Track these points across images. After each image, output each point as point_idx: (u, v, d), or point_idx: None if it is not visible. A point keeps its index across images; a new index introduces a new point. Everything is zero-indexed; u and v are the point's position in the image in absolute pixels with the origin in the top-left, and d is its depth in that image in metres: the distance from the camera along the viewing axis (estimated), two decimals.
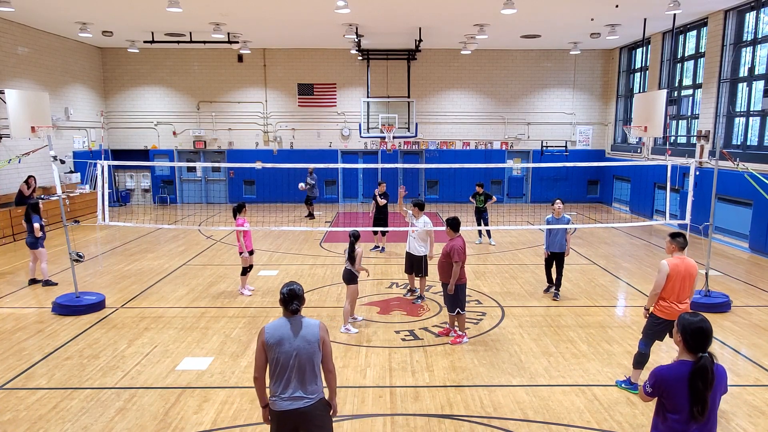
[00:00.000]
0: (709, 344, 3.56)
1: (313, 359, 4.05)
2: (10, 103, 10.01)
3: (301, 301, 4.16)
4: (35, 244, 10.46)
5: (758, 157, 13.59)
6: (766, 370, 7.00)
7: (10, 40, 16.49)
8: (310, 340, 4.03)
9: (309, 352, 4.02)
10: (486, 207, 14.41)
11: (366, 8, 14.93)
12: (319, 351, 4.08)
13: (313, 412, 4.05)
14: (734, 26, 14.93)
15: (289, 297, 4.11)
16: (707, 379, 3.47)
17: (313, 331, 4.08)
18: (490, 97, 22.62)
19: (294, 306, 4.10)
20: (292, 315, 4.11)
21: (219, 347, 7.66)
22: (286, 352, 3.99)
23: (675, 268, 6.02)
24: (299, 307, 4.13)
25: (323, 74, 22.30)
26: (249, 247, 9.96)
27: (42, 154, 13.77)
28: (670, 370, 3.60)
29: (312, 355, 4.03)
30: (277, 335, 4.03)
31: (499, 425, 5.65)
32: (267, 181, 22.53)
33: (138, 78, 22.27)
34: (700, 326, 3.59)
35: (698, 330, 3.58)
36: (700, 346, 3.56)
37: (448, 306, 7.80)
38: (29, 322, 8.69)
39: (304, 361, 4.01)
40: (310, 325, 4.10)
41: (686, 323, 3.64)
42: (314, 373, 4.07)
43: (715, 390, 3.53)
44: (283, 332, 4.04)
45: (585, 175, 22.82)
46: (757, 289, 10.57)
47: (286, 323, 4.08)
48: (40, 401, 6.13)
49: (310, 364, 4.04)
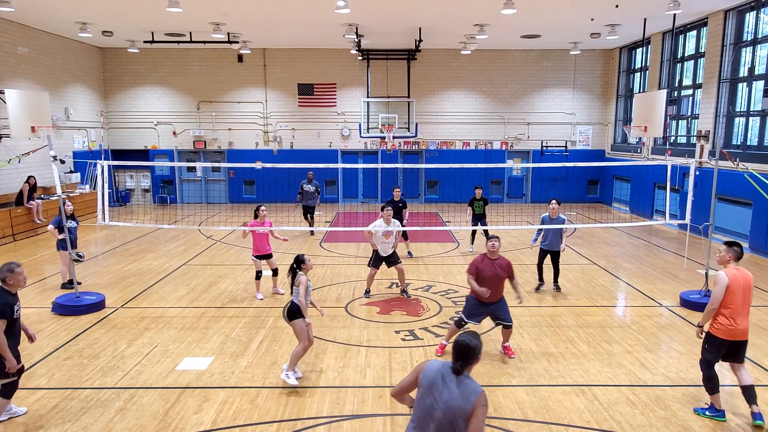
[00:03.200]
0: None
1: (456, 423, 3.43)
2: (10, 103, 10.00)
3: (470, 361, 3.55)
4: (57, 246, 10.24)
5: (758, 157, 13.59)
6: (766, 370, 6.99)
7: (10, 40, 16.49)
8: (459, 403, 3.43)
9: (453, 414, 3.43)
10: (485, 212, 13.61)
11: (366, 8, 14.93)
12: (466, 419, 3.42)
13: None
14: (734, 26, 14.93)
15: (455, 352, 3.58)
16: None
17: (469, 396, 3.45)
18: (490, 97, 22.62)
19: (456, 367, 3.55)
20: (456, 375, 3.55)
21: (219, 347, 7.66)
22: (432, 401, 3.51)
23: (735, 279, 5.52)
24: (462, 368, 3.54)
25: (323, 74, 22.31)
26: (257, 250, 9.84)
27: (42, 154, 13.77)
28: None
29: (455, 419, 3.43)
30: (430, 377, 3.58)
31: (499, 425, 5.65)
32: (267, 181, 22.53)
33: (138, 78, 22.27)
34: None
35: None
36: None
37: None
38: (29, 322, 8.67)
39: (445, 420, 3.44)
40: (468, 388, 3.48)
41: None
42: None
43: None
44: (437, 378, 3.55)
45: (585, 175, 22.82)
46: (757, 289, 10.56)
47: (445, 368, 3.58)
48: (40, 401, 6.13)
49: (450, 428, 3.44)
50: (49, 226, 10.05)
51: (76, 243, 10.13)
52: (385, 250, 9.79)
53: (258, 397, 6.21)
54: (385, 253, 9.81)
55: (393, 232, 9.78)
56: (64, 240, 9.68)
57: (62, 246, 9.97)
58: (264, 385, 6.54)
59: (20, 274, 5.42)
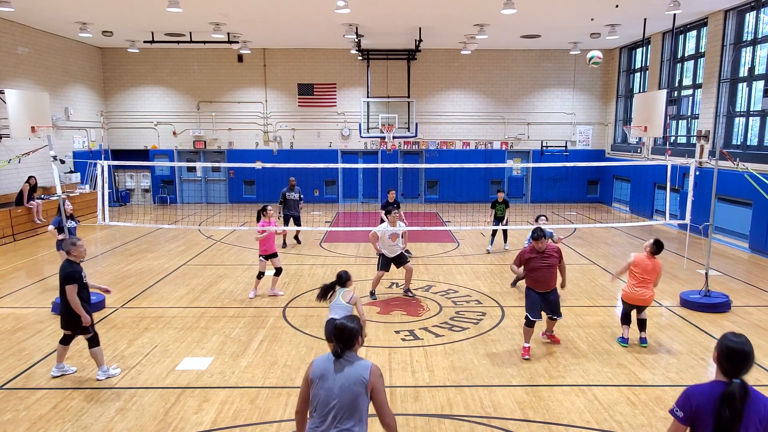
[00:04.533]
0: (745, 370, 3.19)
1: (358, 403, 3.54)
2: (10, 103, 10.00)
3: (349, 343, 3.65)
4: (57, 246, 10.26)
5: (758, 157, 13.59)
6: (766, 370, 6.99)
7: (10, 40, 16.49)
8: (355, 380, 3.55)
9: (353, 394, 3.53)
10: (505, 214, 13.56)
11: (366, 8, 14.93)
12: (366, 395, 3.57)
13: None
14: (734, 26, 14.93)
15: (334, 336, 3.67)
16: (735, 408, 3.05)
17: (362, 371, 3.59)
18: (490, 97, 22.62)
19: (336, 349, 3.65)
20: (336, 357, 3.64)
21: (219, 347, 7.66)
22: (327, 389, 3.55)
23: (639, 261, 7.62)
24: (342, 351, 3.63)
25: (323, 74, 22.30)
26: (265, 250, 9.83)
27: (42, 154, 13.78)
28: (703, 389, 3.23)
29: (356, 397, 3.53)
30: (320, 369, 3.63)
31: (499, 425, 5.65)
32: (267, 181, 22.53)
33: (138, 78, 22.27)
34: (738, 348, 3.20)
35: (734, 352, 3.20)
36: (734, 371, 3.19)
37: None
38: (29, 322, 8.69)
39: (346, 403, 3.52)
40: (358, 365, 3.61)
41: (726, 341, 3.24)
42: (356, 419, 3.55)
43: (748, 424, 3.08)
44: (327, 367, 3.61)
45: (585, 175, 22.81)
46: (757, 289, 10.57)
47: (331, 358, 3.65)
48: (40, 401, 6.13)
49: (353, 408, 3.54)
50: (50, 227, 10.05)
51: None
52: (392, 251, 9.69)
53: (258, 397, 6.21)
54: (393, 254, 9.72)
55: (399, 234, 9.72)
56: (63, 240, 9.66)
57: (62, 246, 9.95)
58: (264, 385, 6.54)
59: (81, 246, 6.62)
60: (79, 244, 6.59)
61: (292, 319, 8.78)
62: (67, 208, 9.71)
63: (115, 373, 6.77)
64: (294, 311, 9.21)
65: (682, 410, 3.21)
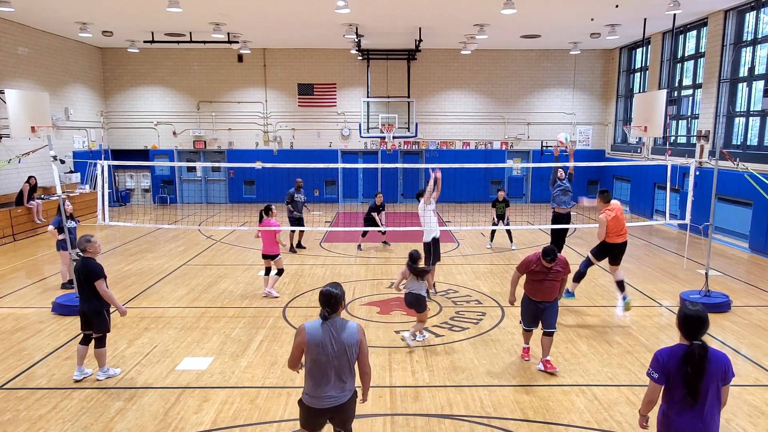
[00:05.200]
0: (701, 332, 3.72)
1: (351, 358, 4.19)
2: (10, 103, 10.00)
3: (335, 308, 4.18)
4: (57, 246, 10.26)
5: (758, 157, 13.59)
6: (766, 370, 6.99)
7: (10, 40, 16.49)
8: (350, 341, 4.15)
9: (349, 353, 4.15)
10: (506, 213, 13.76)
11: (366, 8, 14.93)
12: (356, 353, 4.21)
13: (347, 404, 4.23)
14: (734, 26, 14.93)
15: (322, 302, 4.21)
16: (695, 365, 3.62)
17: (353, 333, 4.18)
18: (490, 97, 22.62)
19: (323, 313, 4.18)
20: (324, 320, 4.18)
21: (219, 347, 7.66)
22: (329, 354, 4.10)
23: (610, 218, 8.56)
24: (329, 315, 4.16)
25: (323, 74, 22.31)
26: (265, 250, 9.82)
27: (42, 154, 13.78)
28: (670, 350, 3.81)
29: (351, 355, 4.17)
30: (317, 337, 4.11)
31: (499, 425, 5.65)
32: (267, 181, 22.53)
33: (138, 78, 22.27)
34: (693, 315, 3.75)
35: (691, 318, 3.75)
36: (692, 334, 3.74)
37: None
38: (29, 322, 8.69)
39: (344, 361, 4.15)
40: (349, 328, 4.19)
41: (683, 309, 3.83)
42: (351, 372, 4.23)
43: (709, 379, 3.65)
44: (324, 335, 4.12)
45: (585, 175, 22.79)
46: (757, 289, 10.57)
47: (322, 325, 4.16)
48: (40, 401, 6.13)
49: (349, 363, 4.19)
50: (50, 227, 10.03)
51: (75, 243, 10.11)
52: (432, 226, 9.74)
53: (258, 397, 6.22)
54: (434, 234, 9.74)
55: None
56: (64, 240, 9.68)
57: (62, 246, 9.97)
58: (264, 385, 6.54)
59: (96, 242, 6.68)
60: (93, 240, 6.62)
61: (292, 319, 8.78)
62: (67, 208, 9.69)
63: (115, 372, 6.77)
64: (294, 311, 9.21)
65: (656, 371, 3.80)
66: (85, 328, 6.63)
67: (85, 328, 6.62)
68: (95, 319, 6.51)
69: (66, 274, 10.26)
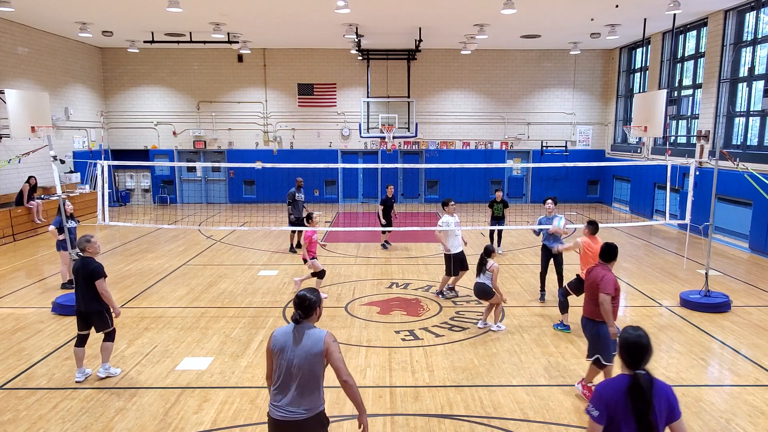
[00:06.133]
0: (645, 360, 3.30)
1: (315, 371, 3.88)
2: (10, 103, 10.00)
3: (307, 312, 3.96)
4: (57, 246, 10.25)
5: (758, 157, 13.58)
6: (766, 370, 6.99)
7: (10, 40, 16.49)
8: (312, 351, 3.86)
9: (310, 363, 3.85)
10: (504, 215, 13.46)
11: (366, 8, 14.93)
12: (322, 363, 3.90)
13: (306, 425, 3.86)
14: (734, 26, 14.93)
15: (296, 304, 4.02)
16: (641, 397, 3.18)
17: (317, 341, 3.88)
18: (490, 97, 22.62)
19: (296, 315, 3.98)
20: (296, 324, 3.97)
21: (219, 347, 7.66)
22: (287, 360, 3.88)
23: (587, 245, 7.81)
24: (301, 318, 3.95)
25: (323, 74, 22.30)
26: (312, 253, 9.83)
27: (42, 154, 13.78)
28: (611, 383, 3.35)
29: (313, 366, 3.86)
30: (280, 342, 3.93)
31: (499, 425, 5.65)
32: (267, 181, 22.53)
33: (138, 78, 22.27)
34: (636, 341, 3.33)
35: (633, 344, 3.33)
36: (635, 362, 3.29)
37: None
38: (29, 322, 8.69)
39: (305, 372, 3.85)
40: (314, 336, 3.91)
41: (624, 335, 3.40)
42: (314, 385, 3.90)
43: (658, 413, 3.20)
44: (287, 340, 3.92)
45: (585, 175, 22.82)
46: (757, 289, 10.56)
47: (290, 330, 3.96)
48: (40, 401, 6.13)
49: (312, 376, 3.87)
50: (50, 227, 10.03)
51: (75, 243, 10.10)
52: (456, 245, 9.65)
53: (258, 397, 6.21)
54: (457, 249, 9.64)
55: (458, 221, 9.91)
56: (63, 240, 9.69)
57: (62, 246, 9.96)
58: (264, 385, 6.53)
59: (95, 243, 6.71)
60: (93, 240, 6.65)
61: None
62: (67, 208, 9.69)
63: (115, 372, 6.78)
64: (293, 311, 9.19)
65: (597, 408, 3.27)
66: (82, 328, 6.62)
67: (82, 329, 6.63)
68: (95, 319, 6.55)
69: (66, 274, 10.26)
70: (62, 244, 9.93)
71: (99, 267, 6.49)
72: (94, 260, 6.57)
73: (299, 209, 13.45)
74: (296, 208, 13.43)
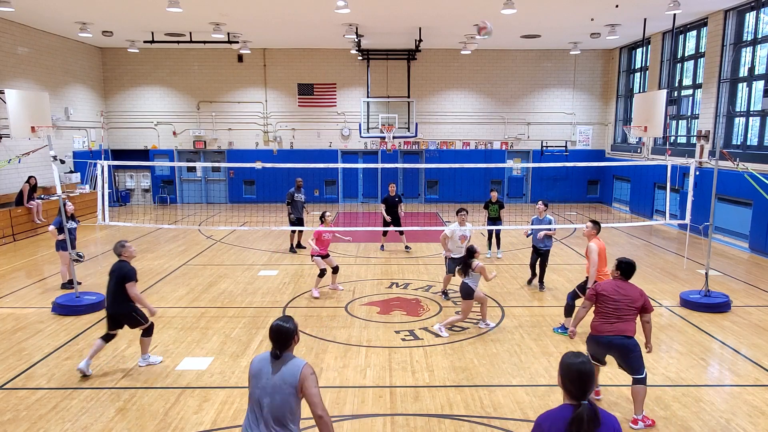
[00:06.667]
0: (590, 389, 3.06)
1: (288, 403, 3.65)
2: (10, 103, 10.00)
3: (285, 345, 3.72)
4: (56, 246, 10.24)
5: (758, 157, 13.59)
6: (766, 370, 6.99)
7: (10, 40, 16.49)
8: (286, 380, 3.64)
9: (283, 395, 3.63)
10: (500, 216, 12.88)
11: (366, 8, 14.93)
12: (296, 396, 3.66)
13: None
14: (734, 26, 14.93)
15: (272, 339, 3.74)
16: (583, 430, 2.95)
17: (293, 372, 3.65)
18: (490, 97, 22.62)
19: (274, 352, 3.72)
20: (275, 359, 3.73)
21: (219, 347, 7.66)
22: (261, 389, 3.68)
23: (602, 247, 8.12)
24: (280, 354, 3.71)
25: (323, 74, 22.31)
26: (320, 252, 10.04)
27: (42, 154, 13.77)
28: (552, 414, 3.11)
29: (286, 398, 3.64)
30: (255, 369, 3.75)
31: (499, 425, 5.66)
32: (267, 181, 22.53)
33: (138, 78, 22.27)
34: (579, 369, 3.07)
35: (577, 372, 3.07)
36: (579, 392, 3.05)
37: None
38: (29, 322, 8.69)
39: (276, 404, 3.63)
40: (291, 366, 3.68)
41: (566, 360, 3.15)
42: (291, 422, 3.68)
43: None
44: (262, 367, 3.72)
45: (585, 175, 22.82)
46: (757, 289, 10.57)
47: (268, 357, 3.76)
48: (40, 401, 6.13)
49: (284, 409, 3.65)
50: (50, 227, 10.02)
51: (75, 243, 10.11)
52: (459, 252, 9.58)
53: None
54: (458, 255, 9.54)
55: (468, 236, 9.71)
56: (63, 240, 9.68)
57: (62, 246, 9.95)
58: None
59: (130, 248, 6.98)
60: (127, 245, 6.93)
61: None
62: (68, 208, 9.69)
63: (156, 360, 7.10)
64: (294, 311, 9.21)
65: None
66: (111, 328, 6.89)
67: (112, 329, 6.89)
68: (126, 320, 6.86)
69: (66, 274, 10.26)
70: (61, 244, 9.92)
71: (132, 271, 6.77)
72: (128, 264, 6.83)
73: (299, 209, 13.59)
74: (295, 208, 13.56)
